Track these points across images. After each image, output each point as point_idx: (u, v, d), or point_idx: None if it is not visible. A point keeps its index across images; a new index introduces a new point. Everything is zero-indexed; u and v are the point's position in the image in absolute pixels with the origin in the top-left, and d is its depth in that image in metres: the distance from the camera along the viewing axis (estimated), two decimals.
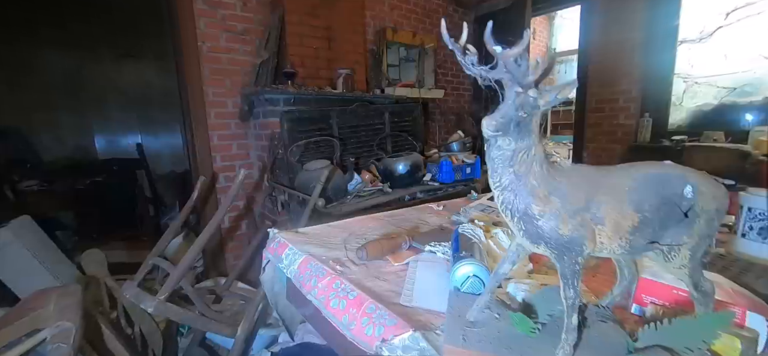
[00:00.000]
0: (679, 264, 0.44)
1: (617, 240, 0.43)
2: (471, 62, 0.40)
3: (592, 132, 3.40)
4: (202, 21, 2.42)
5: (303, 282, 0.75)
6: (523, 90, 0.38)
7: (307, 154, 2.22)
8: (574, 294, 0.43)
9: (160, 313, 1.36)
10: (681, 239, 0.42)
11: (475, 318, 0.52)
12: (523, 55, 0.37)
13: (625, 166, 0.45)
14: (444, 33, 0.40)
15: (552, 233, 0.42)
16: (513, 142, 0.42)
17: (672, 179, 0.42)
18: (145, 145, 4.24)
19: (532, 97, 0.40)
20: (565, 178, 0.43)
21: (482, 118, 0.41)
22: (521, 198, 0.43)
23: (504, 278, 0.52)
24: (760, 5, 2.57)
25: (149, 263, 1.64)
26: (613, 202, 0.42)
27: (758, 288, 0.74)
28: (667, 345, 0.46)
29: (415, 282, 0.72)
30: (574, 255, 0.42)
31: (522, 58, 0.38)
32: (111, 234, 3.26)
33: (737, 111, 2.69)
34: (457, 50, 0.41)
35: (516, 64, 0.38)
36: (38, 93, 3.61)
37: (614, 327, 0.49)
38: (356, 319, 0.59)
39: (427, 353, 0.49)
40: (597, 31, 3.27)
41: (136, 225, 3.49)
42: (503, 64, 0.38)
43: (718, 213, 0.42)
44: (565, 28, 5.34)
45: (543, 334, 0.50)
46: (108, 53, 3.97)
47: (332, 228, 1.04)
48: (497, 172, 0.44)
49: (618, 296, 0.55)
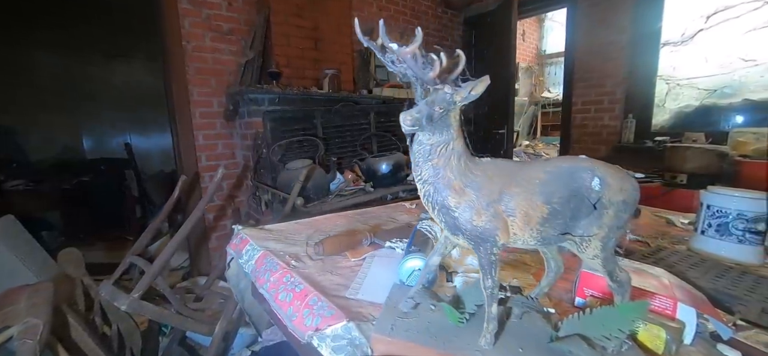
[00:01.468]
0: (591, 254, 0.45)
1: (528, 231, 0.44)
2: (390, 61, 0.42)
3: (578, 132, 3.43)
4: (186, 20, 2.42)
5: (258, 276, 0.76)
6: (426, 86, 0.40)
7: (290, 154, 2.23)
8: (492, 284, 0.45)
9: (133, 311, 1.36)
10: (591, 230, 0.44)
11: (408, 309, 0.53)
12: (418, 53, 0.39)
13: (543, 160, 0.46)
14: (358, 30, 0.41)
15: (467, 224, 0.43)
16: (432, 137, 0.44)
17: (581, 172, 0.43)
18: (135, 145, 4.24)
19: (448, 93, 0.42)
20: (482, 171, 0.44)
21: (400, 114, 0.42)
22: (439, 191, 0.44)
23: (434, 268, 0.54)
24: (739, 9, 2.62)
25: (127, 261, 1.64)
26: (524, 194, 0.43)
27: (703, 283, 0.76)
28: (586, 334, 0.47)
29: (366, 277, 0.73)
30: (489, 246, 0.43)
31: (419, 56, 0.39)
32: (97, 234, 3.25)
33: (717, 112, 2.73)
34: (373, 48, 0.42)
35: (414, 61, 0.39)
36: (25, 92, 3.59)
37: (539, 317, 0.51)
38: (298, 311, 0.60)
39: (357, 342, 0.50)
40: (582, 32, 3.30)
41: (123, 225, 3.48)
42: (403, 62, 0.39)
43: (625, 205, 0.43)
44: (555, 31, 5.38)
45: (471, 324, 0.51)
46: (98, 53, 3.96)
47: (298, 225, 1.05)
48: (418, 165, 0.45)
49: (545, 287, 0.56)
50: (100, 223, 3.36)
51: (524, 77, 5.28)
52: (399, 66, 0.42)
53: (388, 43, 0.39)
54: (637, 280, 0.64)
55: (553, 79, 5.30)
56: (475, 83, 0.41)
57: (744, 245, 0.98)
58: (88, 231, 3.25)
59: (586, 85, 3.33)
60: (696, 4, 2.81)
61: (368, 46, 0.40)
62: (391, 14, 3.57)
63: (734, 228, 0.99)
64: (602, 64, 3.18)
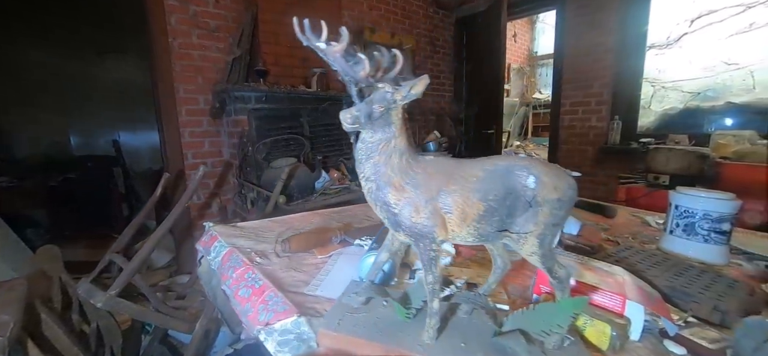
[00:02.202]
0: (529, 251, 0.46)
1: (465, 228, 0.45)
2: (334, 59, 0.42)
3: (566, 133, 3.46)
4: (173, 17, 2.41)
5: (222, 273, 0.76)
6: (359, 84, 0.40)
7: (276, 152, 2.22)
8: (433, 280, 0.45)
9: (110, 308, 1.36)
10: (528, 227, 0.45)
11: (358, 305, 0.54)
12: (347, 52, 0.39)
13: (482, 158, 0.47)
14: (297, 29, 0.41)
15: (407, 221, 0.44)
16: (374, 135, 0.44)
17: (517, 170, 0.44)
18: (124, 142, 4.20)
19: (388, 92, 0.42)
20: (422, 170, 0.45)
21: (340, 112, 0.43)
22: (381, 188, 0.45)
23: (383, 265, 0.54)
24: (722, 13, 2.66)
25: (106, 259, 1.63)
26: (461, 192, 0.44)
27: (661, 281, 0.77)
28: (528, 329, 0.48)
29: (329, 274, 0.74)
30: (428, 242, 0.44)
31: (348, 55, 0.39)
32: (83, 231, 3.22)
33: (701, 115, 2.77)
34: (312, 46, 0.42)
35: (343, 60, 0.39)
36: (11, 88, 3.55)
37: (484, 312, 0.51)
38: (254, 306, 0.60)
39: (304, 337, 0.50)
40: (571, 34, 3.33)
41: (110, 223, 3.45)
42: (333, 60, 0.40)
43: (560, 203, 0.44)
44: (547, 32, 5.42)
45: (419, 320, 0.52)
46: (87, 49, 3.92)
47: (272, 223, 1.05)
48: (361, 163, 0.46)
49: (493, 283, 0.57)
50: (86, 221, 3.33)
51: (516, 78, 5.31)
52: (336, 66, 0.43)
53: (314, 41, 0.39)
54: (593, 278, 0.66)
55: (544, 81, 5.34)
56: (415, 82, 0.41)
57: (709, 245, 1.00)
58: (73, 228, 3.21)
59: (574, 87, 3.36)
60: (681, 7, 2.85)
61: (307, 44, 0.41)
62: (382, 14, 3.58)
63: (700, 228, 1.01)
64: (590, 65, 3.21)
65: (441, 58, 4.19)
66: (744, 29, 2.58)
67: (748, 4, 2.51)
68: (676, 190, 1.09)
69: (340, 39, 0.39)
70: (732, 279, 0.80)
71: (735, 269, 0.96)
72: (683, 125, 2.84)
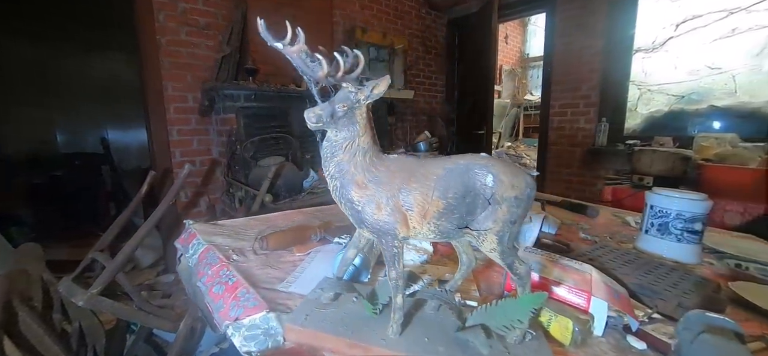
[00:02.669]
0: (489, 248, 0.47)
1: (426, 225, 0.46)
2: (303, 60, 0.43)
3: (555, 134, 3.50)
4: (161, 14, 2.39)
5: (198, 270, 0.77)
6: (318, 84, 0.41)
7: (265, 151, 2.22)
8: (396, 275, 0.46)
9: (91, 307, 1.34)
10: (487, 225, 0.46)
11: (327, 301, 0.55)
12: (306, 52, 0.40)
13: (444, 157, 0.48)
14: (262, 29, 0.42)
15: (370, 218, 0.45)
16: (338, 134, 0.45)
17: (476, 169, 0.45)
18: (112, 140, 4.16)
19: (351, 92, 0.43)
20: (386, 168, 0.46)
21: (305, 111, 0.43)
22: (345, 186, 0.46)
23: (351, 262, 0.55)
24: (706, 18, 2.71)
25: (89, 258, 1.62)
26: (421, 189, 0.45)
27: (631, 279, 0.79)
28: (489, 324, 0.49)
29: (305, 271, 0.74)
30: (390, 239, 0.45)
31: (307, 55, 0.40)
32: (69, 230, 3.18)
33: (685, 118, 2.82)
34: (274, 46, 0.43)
35: (301, 60, 0.40)
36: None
37: (449, 308, 0.52)
38: (226, 302, 0.61)
39: (272, 332, 0.51)
40: (560, 37, 3.37)
41: (97, 222, 3.41)
42: (292, 60, 0.40)
43: (518, 201, 0.45)
44: (538, 35, 5.47)
45: (385, 315, 0.53)
46: (74, 44, 3.86)
47: (252, 221, 1.05)
48: (326, 161, 0.46)
49: (459, 280, 0.59)
50: (73, 220, 3.28)
51: (507, 80, 5.36)
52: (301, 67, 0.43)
53: (271, 41, 0.40)
54: (559, 274, 0.67)
55: (535, 82, 5.39)
56: (377, 82, 0.42)
57: (682, 244, 1.02)
58: (59, 227, 3.17)
59: (563, 89, 3.40)
60: (667, 12, 2.90)
61: (272, 45, 0.41)
62: (374, 13, 3.58)
63: (674, 227, 1.04)
64: (579, 68, 3.25)
65: (433, 59, 4.21)
66: (727, 34, 2.64)
67: (730, 10, 2.57)
68: (652, 191, 1.11)
69: (297, 40, 0.40)
70: (699, 276, 0.83)
71: (707, 268, 0.99)
72: (668, 127, 2.89)
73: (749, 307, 0.74)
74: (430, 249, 0.87)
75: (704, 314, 0.44)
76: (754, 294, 0.77)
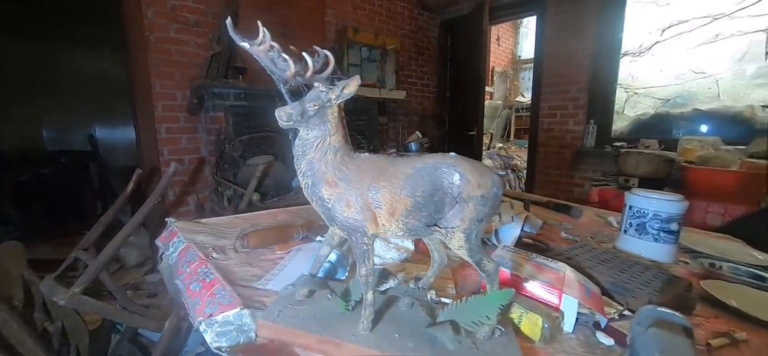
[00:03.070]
0: (457, 245, 0.48)
1: (395, 223, 0.47)
2: (271, 60, 0.43)
3: (545, 136, 3.54)
4: (150, 10, 2.37)
5: (178, 268, 0.77)
6: (287, 84, 0.42)
7: (254, 149, 2.21)
8: (366, 272, 0.47)
9: (72, 306, 1.33)
10: (454, 223, 0.47)
11: (301, 298, 0.55)
12: (271, 51, 0.41)
13: (414, 156, 0.49)
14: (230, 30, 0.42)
15: (339, 215, 0.46)
16: (309, 133, 0.46)
17: (443, 168, 0.46)
18: (101, 137, 4.10)
19: (322, 92, 0.44)
20: (356, 166, 0.47)
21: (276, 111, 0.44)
22: (316, 184, 0.46)
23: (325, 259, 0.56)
24: (691, 23, 2.77)
25: (72, 256, 1.60)
26: (389, 188, 0.46)
27: (605, 277, 0.81)
28: (459, 320, 0.50)
29: (284, 269, 0.75)
30: (360, 236, 0.46)
31: (272, 54, 0.41)
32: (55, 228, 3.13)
33: (670, 120, 2.88)
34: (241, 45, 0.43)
35: (269, 60, 0.41)
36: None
37: (420, 305, 0.53)
38: (203, 299, 0.61)
39: (245, 328, 0.52)
40: (550, 40, 3.41)
41: (84, 220, 3.36)
42: (258, 59, 0.41)
43: (484, 199, 0.47)
44: (530, 37, 5.52)
45: (358, 311, 0.53)
46: (61, 40, 3.80)
47: (236, 219, 1.05)
48: (298, 159, 0.47)
49: (431, 277, 0.59)
50: (59, 218, 3.23)
51: (499, 81, 5.40)
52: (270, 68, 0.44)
53: (238, 41, 0.41)
54: (534, 273, 0.69)
55: (526, 84, 5.44)
56: (347, 82, 0.43)
57: (659, 243, 1.05)
58: (45, 225, 3.12)
59: (552, 91, 3.44)
60: (653, 17, 2.96)
61: (241, 45, 0.42)
62: (366, 14, 3.59)
63: (651, 227, 1.06)
64: (568, 71, 3.29)
65: (425, 60, 4.23)
66: (710, 40, 2.70)
67: (714, 16, 2.63)
68: (631, 192, 1.14)
69: (263, 40, 0.40)
70: (672, 275, 0.85)
71: (682, 267, 1.01)
72: (654, 130, 2.95)
73: (718, 305, 0.76)
74: (411, 248, 0.88)
75: (655, 309, 0.46)
76: (724, 293, 0.79)
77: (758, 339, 0.66)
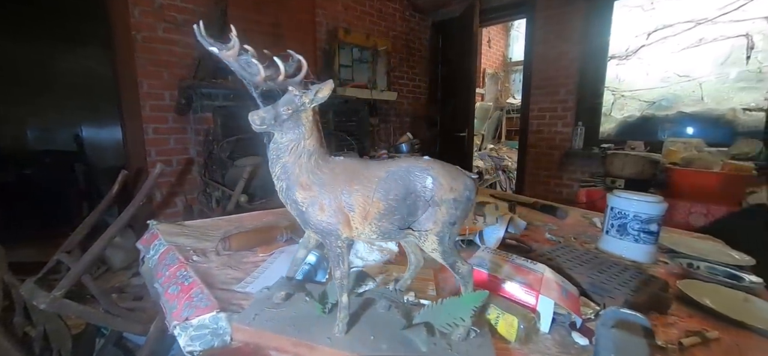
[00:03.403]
0: (430, 248, 0.49)
1: (368, 226, 0.47)
2: (241, 65, 0.43)
3: (534, 137, 3.58)
4: (136, 9, 2.34)
5: (157, 271, 0.76)
6: (258, 88, 0.42)
7: (242, 151, 2.20)
8: (340, 275, 0.47)
9: (54, 309, 1.30)
10: (427, 226, 0.47)
11: (279, 301, 0.55)
12: (243, 55, 0.41)
13: (388, 160, 0.49)
14: (197, 33, 0.42)
15: (313, 218, 0.46)
16: (284, 136, 0.46)
17: (416, 171, 0.47)
18: (87, 137, 4.03)
19: (296, 96, 0.44)
20: (330, 170, 0.47)
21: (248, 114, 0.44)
22: (290, 187, 0.46)
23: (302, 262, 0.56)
24: (676, 27, 2.82)
25: (55, 259, 1.57)
26: (363, 191, 0.46)
27: (584, 278, 0.82)
28: (434, 322, 0.51)
29: (265, 271, 0.74)
30: (334, 239, 0.46)
31: (244, 58, 0.41)
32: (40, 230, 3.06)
33: (656, 123, 2.93)
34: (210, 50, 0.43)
35: (238, 65, 0.41)
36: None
37: (396, 307, 0.54)
38: (180, 303, 0.60)
39: (220, 332, 0.51)
40: (539, 43, 3.45)
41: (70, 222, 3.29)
42: (229, 64, 0.41)
43: (456, 202, 0.47)
44: (520, 40, 5.58)
45: (334, 314, 0.53)
46: (47, 37, 3.72)
47: (220, 221, 1.05)
48: (273, 162, 0.47)
49: (408, 279, 0.60)
50: (43, 220, 3.17)
51: (491, 83, 5.44)
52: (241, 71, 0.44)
53: (207, 45, 0.41)
54: (513, 274, 0.69)
55: (517, 86, 5.49)
56: (320, 86, 0.43)
57: (639, 244, 1.07)
58: (28, 227, 3.05)
59: (542, 93, 3.48)
60: (640, 20, 3.01)
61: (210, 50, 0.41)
62: (358, 14, 3.59)
63: (631, 228, 1.08)
64: (557, 73, 3.33)
65: (417, 61, 4.24)
66: (694, 44, 2.76)
67: (698, 21, 2.69)
68: (613, 193, 1.16)
69: (230, 44, 0.40)
70: (649, 275, 0.86)
71: (661, 267, 1.03)
72: (641, 132, 3.00)
73: (693, 304, 0.78)
74: (395, 249, 0.88)
75: (618, 310, 0.47)
76: (699, 292, 0.81)
77: (729, 337, 0.68)
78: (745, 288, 0.87)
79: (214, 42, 0.41)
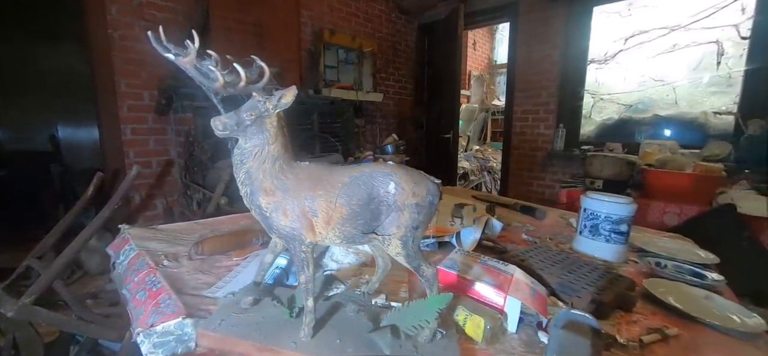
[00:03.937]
0: (394, 252, 0.50)
1: (331, 230, 0.48)
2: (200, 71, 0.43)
3: (517, 139, 3.64)
4: (114, 7, 2.28)
5: (126, 277, 0.74)
6: (218, 94, 0.42)
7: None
8: (305, 279, 0.48)
9: (23, 317, 1.26)
10: (390, 230, 0.48)
11: (246, 305, 0.55)
12: (204, 61, 0.41)
13: (352, 165, 0.50)
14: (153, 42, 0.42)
15: (276, 223, 0.46)
16: (248, 142, 0.46)
17: (379, 177, 0.47)
18: (63, 137, 3.89)
19: (259, 101, 0.44)
20: (294, 175, 0.47)
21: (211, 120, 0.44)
22: (254, 193, 0.46)
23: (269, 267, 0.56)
24: (652, 33, 2.92)
25: (24, 265, 1.52)
26: (326, 196, 0.46)
27: (554, 278, 0.85)
28: (400, 324, 0.51)
29: (237, 276, 0.74)
30: (298, 244, 0.46)
31: (204, 64, 0.41)
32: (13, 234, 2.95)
33: (633, 125, 3.03)
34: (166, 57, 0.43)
35: (196, 71, 0.41)
36: None
37: (364, 310, 0.54)
38: (147, 309, 0.59)
39: (185, 338, 0.51)
40: (522, 47, 3.51)
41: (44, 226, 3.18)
42: (186, 70, 0.41)
43: (419, 207, 0.48)
44: (505, 43, 5.67)
45: (301, 318, 0.54)
46: (20, 33, 3.58)
47: (195, 225, 1.03)
48: (237, 167, 0.47)
49: (376, 283, 0.61)
50: (16, 223, 3.05)
51: (476, 85, 5.51)
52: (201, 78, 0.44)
53: (162, 52, 0.40)
54: (483, 276, 0.71)
55: (502, 88, 5.58)
56: (283, 92, 0.43)
57: (610, 244, 1.10)
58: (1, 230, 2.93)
59: (524, 96, 3.55)
60: (618, 26, 3.10)
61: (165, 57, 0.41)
62: (343, 16, 3.58)
63: (603, 229, 1.11)
64: (539, 76, 3.40)
65: (402, 63, 4.26)
66: (668, 49, 2.85)
67: (671, 27, 2.78)
68: (586, 195, 1.19)
69: (187, 51, 0.40)
70: (616, 274, 0.89)
71: (631, 266, 1.07)
72: (619, 134, 3.09)
73: (656, 302, 0.81)
74: (370, 252, 0.89)
75: (569, 311, 0.49)
76: (663, 291, 0.84)
77: (688, 333, 0.71)
78: (707, 286, 0.90)
79: (170, 48, 0.40)
